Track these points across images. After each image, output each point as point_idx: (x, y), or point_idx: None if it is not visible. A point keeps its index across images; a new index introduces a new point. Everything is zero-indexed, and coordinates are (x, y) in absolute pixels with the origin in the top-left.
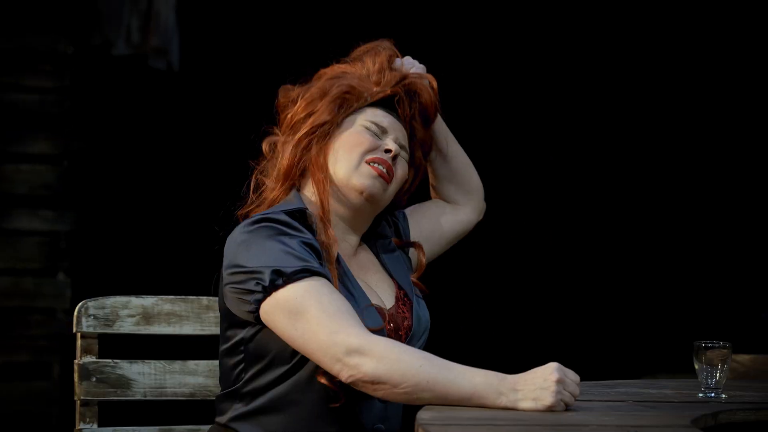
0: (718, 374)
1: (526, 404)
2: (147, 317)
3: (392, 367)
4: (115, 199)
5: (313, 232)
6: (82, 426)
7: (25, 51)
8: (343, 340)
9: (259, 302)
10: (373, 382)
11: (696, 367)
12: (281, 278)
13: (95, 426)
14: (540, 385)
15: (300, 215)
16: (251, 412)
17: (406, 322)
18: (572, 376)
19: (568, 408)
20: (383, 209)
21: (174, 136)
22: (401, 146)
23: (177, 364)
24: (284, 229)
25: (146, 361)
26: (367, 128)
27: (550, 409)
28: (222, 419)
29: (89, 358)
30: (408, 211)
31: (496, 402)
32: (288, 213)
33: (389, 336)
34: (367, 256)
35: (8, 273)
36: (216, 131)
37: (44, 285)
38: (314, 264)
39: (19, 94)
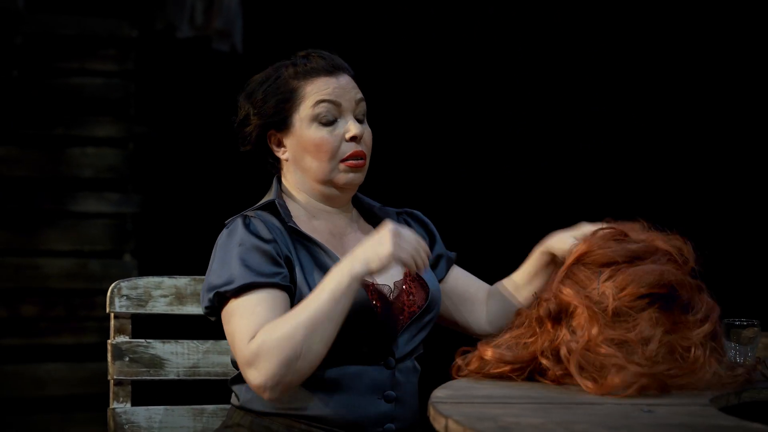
0: (747, 352)
1: (374, 264)
2: (180, 297)
3: (278, 357)
4: (181, 181)
5: (284, 222)
6: (115, 405)
7: (89, 36)
8: (239, 359)
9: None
10: (278, 381)
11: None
12: (219, 299)
13: (128, 405)
14: (377, 241)
15: (271, 208)
16: (252, 391)
17: (410, 297)
18: (407, 233)
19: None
20: None
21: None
22: (358, 105)
23: (209, 344)
24: (244, 238)
25: (179, 340)
26: (321, 119)
27: (395, 258)
28: (236, 402)
29: (122, 338)
30: (455, 271)
31: (353, 277)
32: (259, 209)
33: (379, 309)
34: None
35: (75, 255)
36: None
37: (111, 267)
38: (255, 277)
39: (84, 78)
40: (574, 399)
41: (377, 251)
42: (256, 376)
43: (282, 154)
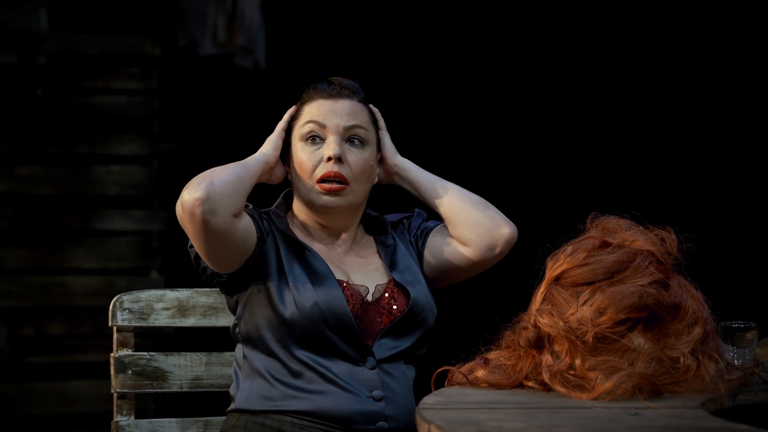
0: (745, 355)
1: (268, 149)
2: (182, 310)
3: (201, 174)
4: None
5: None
6: (119, 418)
7: (112, 54)
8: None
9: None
10: (200, 181)
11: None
12: None
13: (132, 418)
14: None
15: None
16: (248, 391)
17: (392, 302)
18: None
19: None
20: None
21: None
22: (348, 130)
23: (213, 356)
24: None
25: (182, 353)
26: (307, 138)
27: (274, 155)
28: (231, 406)
29: (125, 351)
30: (437, 228)
31: (256, 157)
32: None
33: (351, 305)
34: (366, 251)
35: (101, 273)
36: None
37: (137, 284)
38: None
39: (108, 96)
40: (563, 403)
41: (265, 146)
42: (184, 192)
43: (288, 172)
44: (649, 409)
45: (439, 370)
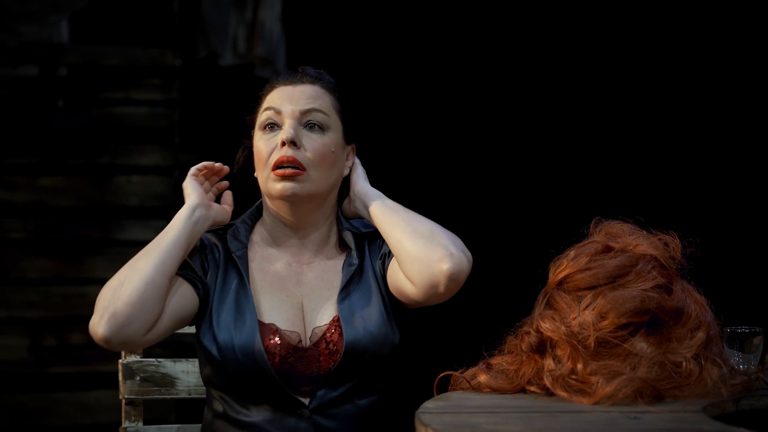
0: (750, 360)
1: (191, 199)
2: None
3: (105, 290)
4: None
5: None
6: (127, 424)
7: (133, 65)
8: None
9: None
10: (102, 313)
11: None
12: None
13: (140, 424)
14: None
15: (226, 231)
16: (204, 418)
17: (330, 346)
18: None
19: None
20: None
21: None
22: (305, 114)
23: None
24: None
25: (189, 359)
26: (264, 126)
27: (200, 198)
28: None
29: (133, 358)
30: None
31: (180, 216)
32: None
33: (278, 357)
34: (332, 265)
35: None
36: None
37: None
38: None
39: (129, 107)
40: (563, 408)
41: (188, 196)
42: (91, 321)
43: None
44: (649, 413)
45: (442, 375)
